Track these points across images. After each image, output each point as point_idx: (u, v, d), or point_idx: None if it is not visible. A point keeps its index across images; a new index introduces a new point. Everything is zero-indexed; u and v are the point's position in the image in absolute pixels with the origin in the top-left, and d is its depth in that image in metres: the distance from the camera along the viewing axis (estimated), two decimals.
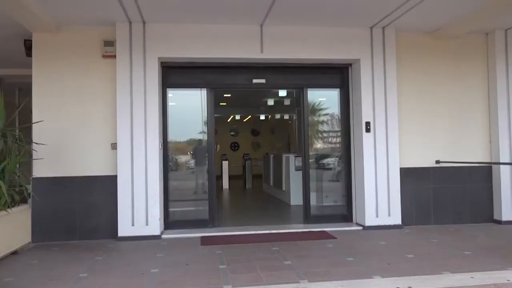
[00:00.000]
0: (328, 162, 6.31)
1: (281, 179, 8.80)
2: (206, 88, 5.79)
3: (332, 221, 5.87)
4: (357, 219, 5.88)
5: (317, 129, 6.36)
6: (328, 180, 6.31)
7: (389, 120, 5.65)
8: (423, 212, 5.86)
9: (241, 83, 5.92)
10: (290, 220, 6.67)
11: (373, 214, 5.59)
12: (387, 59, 5.66)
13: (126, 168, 5.21)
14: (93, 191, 5.27)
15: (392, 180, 5.63)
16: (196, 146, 6.02)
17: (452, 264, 3.85)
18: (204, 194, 5.81)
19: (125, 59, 5.25)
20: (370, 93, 5.65)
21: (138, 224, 5.20)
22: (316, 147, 6.28)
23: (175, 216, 5.71)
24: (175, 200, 5.73)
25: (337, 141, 6.29)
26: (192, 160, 6.06)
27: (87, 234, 5.24)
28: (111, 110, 5.31)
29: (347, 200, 6.00)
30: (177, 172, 5.94)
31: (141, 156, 5.24)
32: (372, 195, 5.61)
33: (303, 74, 5.97)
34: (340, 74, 6.04)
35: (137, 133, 5.25)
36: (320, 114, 6.42)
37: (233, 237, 5.21)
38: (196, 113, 5.84)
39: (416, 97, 5.92)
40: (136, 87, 5.26)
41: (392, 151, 5.64)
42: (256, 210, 7.99)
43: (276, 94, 9.86)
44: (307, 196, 5.94)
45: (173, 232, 5.46)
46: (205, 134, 5.85)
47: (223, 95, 10.01)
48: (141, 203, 5.21)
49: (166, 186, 5.62)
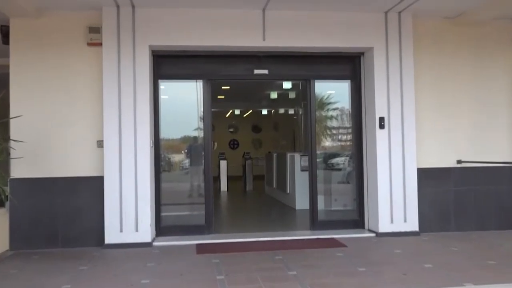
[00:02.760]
0: (338, 162, 6.30)
1: (285, 181, 8.79)
2: (202, 80, 5.78)
3: (341, 227, 5.86)
4: (369, 225, 5.87)
5: (325, 125, 6.34)
6: (338, 182, 6.30)
7: (406, 115, 5.63)
8: (443, 218, 5.85)
9: (241, 74, 5.90)
10: (295, 226, 6.68)
11: (387, 220, 5.59)
12: (403, 47, 5.64)
13: (113, 169, 5.20)
14: (78, 194, 5.27)
15: (409, 182, 5.62)
16: (191, 144, 6.02)
17: (475, 275, 3.85)
18: (200, 197, 5.81)
19: (112, 47, 5.24)
20: (384, 85, 5.63)
21: (127, 230, 5.20)
22: (324, 146, 6.27)
23: (168, 222, 5.71)
24: (168, 204, 5.72)
25: (347, 139, 6.27)
26: (186, 160, 6.06)
27: (71, 241, 5.25)
28: (97, 104, 5.30)
29: (359, 204, 5.99)
30: (170, 172, 5.94)
31: (130, 155, 5.24)
32: (386, 199, 5.59)
33: (310, 64, 5.95)
34: (351, 64, 6.02)
35: (126, 130, 5.24)
36: (329, 109, 6.39)
37: (232, 245, 5.21)
38: (191, 107, 5.83)
39: (435, 89, 5.90)
40: (125, 78, 5.25)
41: (408, 149, 5.63)
42: (257, 215, 8.01)
43: (280, 86, 9.86)
44: (314, 200, 5.93)
45: (165, 239, 5.46)
46: (201, 130, 5.84)
47: (221, 87, 10.01)
48: (130, 207, 5.21)
49: (158, 188, 5.61)
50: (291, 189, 8.50)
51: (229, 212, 8.66)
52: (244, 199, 10.99)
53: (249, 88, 10.76)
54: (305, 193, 6.36)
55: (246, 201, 10.72)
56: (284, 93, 10.84)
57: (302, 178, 7.59)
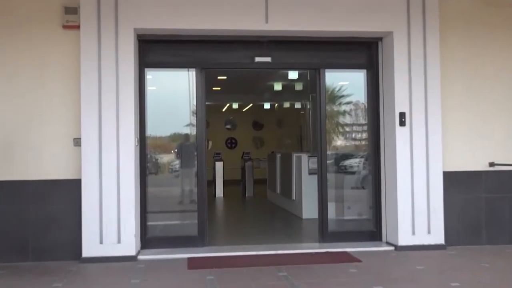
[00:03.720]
0: (351, 164, 6.28)
1: (291, 186, 8.78)
2: (195, 69, 5.77)
3: (355, 240, 5.84)
4: (387, 237, 5.84)
5: (337, 122, 6.32)
6: (351, 187, 6.28)
7: (430, 110, 5.60)
8: (473, 229, 5.81)
9: (240, 62, 5.88)
10: (301, 238, 6.68)
11: (408, 231, 5.56)
12: (428, 32, 5.60)
13: (92, 171, 5.18)
14: (51, 200, 5.25)
15: (433, 188, 5.59)
16: (182, 142, 6.02)
17: None
18: (192, 203, 5.80)
19: (91, 30, 5.21)
20: (405, 76, 5.60)
21: (108, 242, 5.18)
22: (335, 145, 6.24)
23: (155, 232, 5.70)
24: (155, 212, 5.72)
25: (362, 137, 6.25)
26: (176, 161, 6.05)
27: (44, 253, 5.22)
28: (74, 97, 5.28)
29: (375, 212, 5.97)
30: (157, 175, 5.93)
31: (112, 155, 5.22)
32: (407, 207, 5.56)
33: (320, 51, 5.93)
34: (367, 51, 6.00)
35: (107, 126, 5.21)
36: (341, 103, 6.37)
37: (228, 259, 5.19)
38: (182, 100, 5.82)
39: (464, 81, 5.86)
40: (106, 66, 5.22)
41: (433, 150, 5.60)
42: (258, 224, 8.00)
43: (284, 76, 9.83)
44: (324, 208, 5.91)
45: (152, 252, 5.45)
46: (194, 127, 5.83)
47: (216, 77, 10.00)
48: (111, 215, 5.19)
49: (143, 193, 5.60)
50: (297, 195, 8.50)
51: (225, 221, 8.64)
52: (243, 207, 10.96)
53: (249, 78, 10.72)
54: (314, 200, 6.34)
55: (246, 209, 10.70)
56: (289, 84, 10.80)
57: (310, 183, 7.58)
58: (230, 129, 17.60)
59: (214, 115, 15.05)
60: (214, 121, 15.70)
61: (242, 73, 9.49)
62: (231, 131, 17.59)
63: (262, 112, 16.19)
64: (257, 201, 11.40)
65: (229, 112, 16.55)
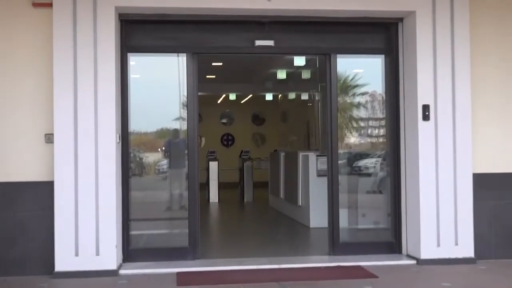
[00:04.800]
0: (367, 164, 6.28)
1: (296, 190, 8.78)
2: (186, 53, 5.76)
3: (371, 252, 5.85)
4: (408, 249, 5.85)
5: (351, 116, 6.32)
6: (366, 192, 6.29)
7: (458, 102, 5.60)
8: (507, 240, 5.81)
9: (238, 46, 5.88)
10: (308, 250, 6.68)
11: (433, 242, 5.56)
12: (456, 12, 5.60)
13: (67, 172, 5.18)
14: (19, 205, 5.25)
15: (462, 192, 5.59)
16: (171, 139, 6.01)
17: None
18: (182, 210, 5.80)
19: (65, 9, 5.19)
20: (429, 62, 5.58)
21: (85, 254, 5.18)
22: (348, 143, 6.25)
23: (139, 243, 5.70)
24: (139, 219, 5.72)
25: (379, 134, 6.26)
26: (164, 160, 6.05)
27: (10, 267, 5.21)
28: (46, 86, 5.27)
29: (394, 221, 5.97)
30: (142, 177, 5.94)
31: (90, 153, 5.21)
32: (431, 214, 5.56)
33: (331, 34, 5.92)
34: (385, 33, 6.01)
35: (84, 120, 5.21)
36: (355, 94, 6.38)
37: (224, 274, 5.18)
38: (171, 90, 5.81)
39: (498, 69, 5.85)
40: (83, 51, 5.21)
41: (461, 148, 5.60)
42: (258, 234, 8.00)
43: (290, 63, 9.80)
44: (335, 215, 5.91)
45: (136, 265, 5.45)
46: (184, 121, 5.82)
47: (211, 63, 9.99)
48: (89, 223, 5.19)
49: (126, 198, 5.60)
50: (304, 201, 8.51)
51: (221, 231, 8.67)
52: (241, 214, 10.97)
53: (249, 65, 10.73)
54: (323, 206, 6.35)
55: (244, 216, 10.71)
56: (295, 72, 10.79)
57: (319, 186, 7.58)
58: (227, 124, 17.59)
59: (208, 108, 15.03)
60: (208, 114, 15.69)
61: (240, 59, 9.47)
62: (228, 126, 17.57)
63: (263, 105, 16.15)
64: (257, 207, 11.41)
65: (225, 104, 16.52)
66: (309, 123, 13.49)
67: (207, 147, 14.35)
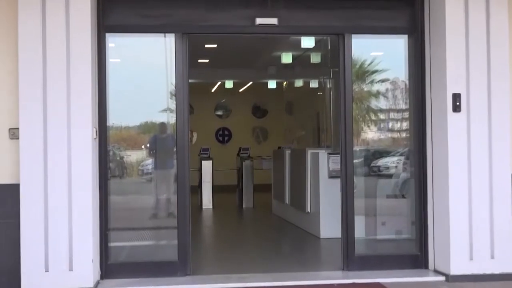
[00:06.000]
0: (387, 164, 6.32)
1: (304, 194, 8.79)
2: (174, 34, 5.78)
3: (392, 267, 5.86)
4: (436, 263, 5.86)
5: (368, 107, 6.35)
6: (387, 196, 6.31)
7: (494, 90, 5.60)
8: None
9: (236, 25, 5.90)
10: (319, 264, 6.70)
11: (465, 255, 5.56)
12: None
13: (35, 173, 5.18)
14: None
15: (498, 196, 5.59)
16: (157, 134, 6.04)
17: None
18: (170, 218, 5.81)
19: None
20: (461, 44, 5.58)
21: (56, 269, 5.18)
22: (365, 138, 6.29)
23: (120, 256, 5.72)
24: (120, 229, 5.73)
25: (402, 128, 6.28)
26: (149, 160, 6.07)
27: None
28: (10, 74, 5.28)
29: (419, 230, 5.98)
30: (123, 179, 5.96)
31: (61, 151, 5.22)
32: (463, 222, 5.57)
33: (344, 10, 5.94)
34: (408, 9, 6.02)
35: (55, 112, 5.21)
36: (374, 81, 6.41)
37: None
38: (156, 77, 5.84)
39: None
40: (52, 32, 5.21)
41: (498, 144, 5.59)
42: (259, 246, 7.99)
43: (296, 44, 9.78)
44: (350, 223, 5.91)
45: (116, 283, 5.46)
46: (173, 113, 5.82)
47: (204, 46, 10.02)
48: (61, 233, 5.19)
49: (104, 204, 5.60)
50: (313, 207, 8.52)
51: (215, 242, 8.68)
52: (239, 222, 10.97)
53: (248, 47, 10.72)
54: (335, 213, 6.35)
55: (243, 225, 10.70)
56: (303, 55, 10.78)
57: (331, 190, 7.59)
58: (222, 116, 17.60)
59: (201, 98, 15.04)
60: (201, 105, 15.71)
61: (238, 40, 9.48)
62: (224, 119, 17.58)
63: (265, 94, 16.19)
64: (258, 214, 11.41)
65: (221, 94, 16.55)
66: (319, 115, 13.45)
67: (199, 143, 14.36)
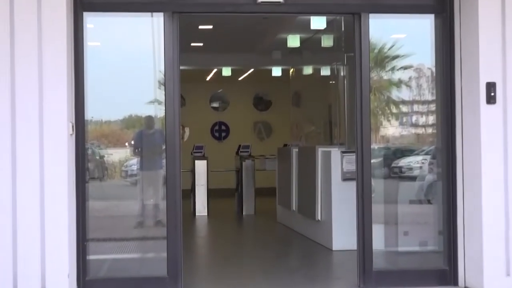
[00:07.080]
0: (410, 164, 6.35)
1: (314, 199, 8.83)
2: (163, 13, 5.78)
3: (415, 283, 5.87)
4: (466, 279, 5.87)
5: (388, 98, 6.39)
6: (410, 201, 6.32)
7: None
8: None
9: (235, 3, 5.94)
10: (331, 280, 6.71)
11: (501, 270, 5.57)
12: None
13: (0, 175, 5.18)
14: None
15: None
16: (143, 130, 6.10)
17: None
18: (159, 227, 5.86)
19: None
20: (497, 26, 5.60)
21: (27, 286, 5.19)
22: (385, 135, 6.35)
23: (100, 270, 5.76)
24: (100, 239, 5.77)
25: (428, 122, 6.31)
26: (133, 159, 6.14)
27: None
28: None
29: (448, 241, 6.00)
30: (104, 182, 6.00)
31: (32, 149, 5.23)
32: (499, 231, 5.58)
33: None
34: None
35: (24, 104, 5.24)
36: (395, 68, 6.42)
37: None
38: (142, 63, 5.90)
39: None
40: (22, 10, 5.22)
41: None
42: (262, 259, 8.01)
43: (305, 25, 9.86)
44: (367, 233, 5.93)
45: None
46: (161, 105, 5.83)
47: (197, 27, 10.10)
48: (31, 245, 5.20)
49: (82, 210, 5.61)
50: (324, 214, 8.55)
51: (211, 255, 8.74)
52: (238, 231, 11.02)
53: (249, 29, 10.79)
54: (350, 221, 6.40)
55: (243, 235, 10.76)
56: (313, 38, 10.84)
57: (345, 194, 7.62)
58: (219, 109, 17.66)
59: (194, 87, 15.09)
60: (194, 96, 15.77)
61: (237, 21, 9.50)
62: (220, 112, 17.65)
63: (269, 83, 16.29)
64: (260, 222, 11.47)
65: (217, 83, 16.66)
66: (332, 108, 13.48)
67: (192, 140, 14.38)
